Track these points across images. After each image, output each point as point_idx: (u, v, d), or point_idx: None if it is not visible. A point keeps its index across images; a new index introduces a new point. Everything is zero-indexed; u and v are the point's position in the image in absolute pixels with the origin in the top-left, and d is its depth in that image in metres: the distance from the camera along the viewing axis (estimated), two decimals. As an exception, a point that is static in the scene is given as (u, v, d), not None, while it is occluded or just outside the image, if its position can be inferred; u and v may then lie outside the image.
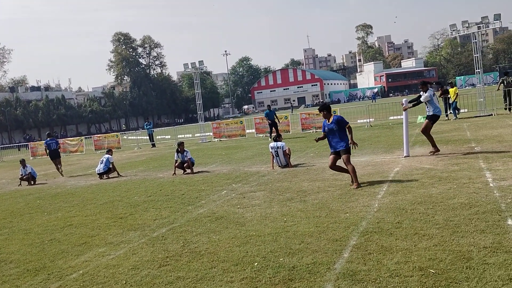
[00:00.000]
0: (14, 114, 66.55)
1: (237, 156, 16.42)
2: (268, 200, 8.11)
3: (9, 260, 6.29)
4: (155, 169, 15.54)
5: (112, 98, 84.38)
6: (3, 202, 12.07)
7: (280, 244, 5.52)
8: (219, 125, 28.10)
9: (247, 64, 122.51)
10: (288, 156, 12.07)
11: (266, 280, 4.49)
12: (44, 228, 8.07)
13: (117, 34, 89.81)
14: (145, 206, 8.95)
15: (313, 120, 24.45)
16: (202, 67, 28.82)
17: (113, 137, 31.21)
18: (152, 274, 5.06)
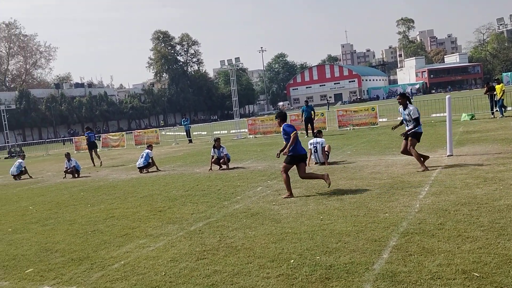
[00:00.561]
0: (59, 110, 69.01)
1: (272, 153, 16.40)
2: (304, 198, 8.08)
3: (54, 249, 6.55)
4: (192, 164, 15.76)
5: (151, 94, 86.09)
6: (49, 193, 12.56)
7: (316, 242, 5.49)
8: (255, 121, 28.16)
9: (283, 60, 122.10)
10: (326, 154, 11.98)
11: (302, 278, 4.48)
12: (88, 219, 8.35)
13: (156, 32, 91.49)
14: (183, 200, 9.10)
15: (351, 117, 24.12)
16: (238, 63, 28.98)
17: (152, 132, 31.86)
18: (190, 267, 5.15)
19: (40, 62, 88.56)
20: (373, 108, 24.11)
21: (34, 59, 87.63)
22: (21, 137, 62.45)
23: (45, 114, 67.19)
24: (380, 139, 16.57)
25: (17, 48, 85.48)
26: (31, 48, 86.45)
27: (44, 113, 67.15)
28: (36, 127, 66.62)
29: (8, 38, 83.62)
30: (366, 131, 21.35)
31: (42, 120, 66.53)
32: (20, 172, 17.55)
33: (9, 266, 5.99)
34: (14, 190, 14.36)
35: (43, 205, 10.67)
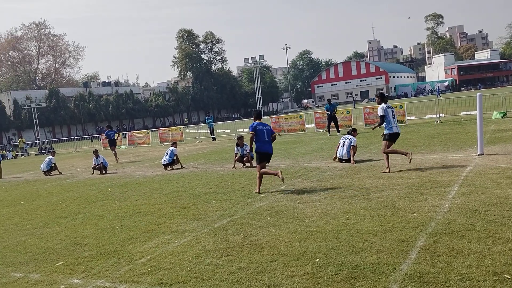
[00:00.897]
0: (87, 108, 70.40)
1: (297, 151, 16.35)
2: (329, 197, 8.01)
3: (83, 243, 6.69)
4: (215, 162, 15.84)
5: (175, 93, 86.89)
6: (78, 189, 12.83)
7: (342, 242, 5.44)
8: (278, 119, 28.09)
9: (308, 57, 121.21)
10: (352, 152, 11.86)
11: (328, 277, 4.44)
12: (115, 215, 8.50)
13: (181, 31, 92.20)
14: (207, 198, 9.16)
15: (377, 114, 23.77)
16: (262, 61, 29.03)
17: (177, 130, 32.17)
18: (214, 263, 5.17)
19: (69, 61, 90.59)
20: (401, 106, 23.71)
21: (63, 58, 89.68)
22: (51, 134, 63.98)
23: (74, 112, 68.68)
24: (408, 138, 16.29)
25: (47, 47, 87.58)
26: (60, 48, 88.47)
27: (73, 111, 68.65)
28: (65, 125, 68.18)
29: (38, 38, 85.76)
30: (392, 129, 20.99)
31: (71, 118, 68.02)
32: (50, 168, 17.99)
33: (40, 259, 6.15)
34: (45, 185, 14.73)
35: (72, 200, 10.91)
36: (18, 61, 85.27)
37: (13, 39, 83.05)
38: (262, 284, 4.45)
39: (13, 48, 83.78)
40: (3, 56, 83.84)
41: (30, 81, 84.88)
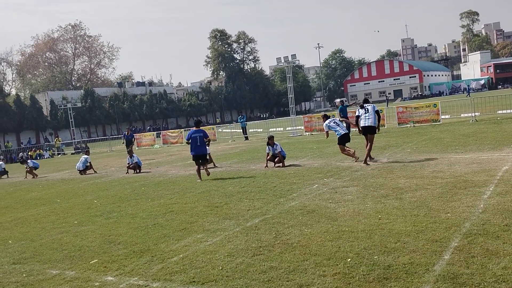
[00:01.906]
0: (122, 108, 71.91)
1: (329, 150, 16.22)
2: (361, 196, 7.93)
3: (117, 242, 6.85)
4: (247, 161, 15.91)
5: (208, 92, 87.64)
6: (113, 188, 13.16)
7: (374, 242, 5.38)
8: (311, 118, 27.94)
9: (340, 56, 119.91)
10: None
11: (360, 277, 4.41)
12: (148, 213, 8.67)
13: (214, 31, 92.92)
14: (239, 197, 9.21)
15: (411, 114, 23.33)
16: (294, 60, 28.81)
17: (209, 129, 32.48)
18: (246, 262, 5.21)
19: (103, 61, 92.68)
20: (435, 105, 23.18)
21: (98, 59, 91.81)
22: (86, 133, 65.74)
23: (109, 112, 70.29)
24: (443, 137, 15.91)
25: (82, 48, 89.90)
26: (95, 49, 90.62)
27: (108, 111, 70.27)
28: (100, 124, 69.87)
29: (74, 39, 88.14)
30: (427, 128, 20.58)
31: (105, 118, 69.65)
32: (85, 167, 18.50)
33: (75, 257, 6.34)
34: (80, 184, 15.17)
35: (107, 199, 11.19)
36: (55, 62, 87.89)
37: (50, 41, 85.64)
38: (293, 284, 4.46)
39: (50, 50, 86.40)
40: (40, 58, 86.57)
41: (66, 82, 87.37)
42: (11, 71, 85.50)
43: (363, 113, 12.06)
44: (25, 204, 12.10)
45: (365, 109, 12.07)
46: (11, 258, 6.64)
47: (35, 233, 8.18)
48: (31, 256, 6.64)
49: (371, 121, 11.89)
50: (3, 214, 10.73)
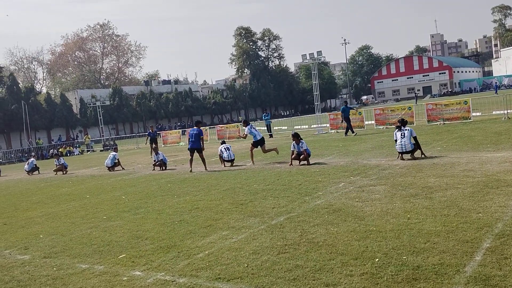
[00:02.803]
0: (148, 106, 72.89)
1: (355, 148, 16.04)
2: (389, 195, 7.79)
3: (145, 237, 6.94)
4: (272, 159, 15.86)
5: (233, 90, 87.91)
6: (140, 184, 13.34)
7: (403, 242, 5.28)
8: (336, 116, 27.65)
9: (367, 52, 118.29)
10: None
11: (388, 277, 4.33)
12: (174, 210, 8.75)
13: (238, 29, 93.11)
14: (264, 194, 9.20)
15: (441, 111, 22.82)
16: (320, 57, 28.56)
17: (234, 127, 32.58)
18: (271, 260, 5.19)
19: (131, 60, 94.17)
20: (466, 102, 22.60)
21: (126, 58, 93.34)
22: (114, 131, 66.86)
23: (136, 110, 71.35)
24: (474, 135, 15.51)
25: (111, 47, 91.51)
26: (123, 48, 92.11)
27: (135, 109, 71.33)
28: (127, 122, 71.00)
29: (102, 39, 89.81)
30: (458, 126, 20.10)
31: (133, 115, 70.73)
32: (114, 164, 18.82)
33: (104, 251, 6.45)
34: (109, 180, 15.44)
35: (134, 195, 11.36)
36: (84, 61, 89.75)
37: (79, 40, 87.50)
38: (319, 283, 4.41)
39: (79, 49, 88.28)
40: (70, 57, 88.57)
41: (95, 80, 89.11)
42: (42, 70, 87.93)
43: (400, 137, 11.72)
44: (55, 199, 12.40)
45: (402, 133, 11.69)
46: (42, 252, 6.81)
47: (65, 228, 8.36)
48: (62, 250, 6.79)
49: (407, 147, 11.55)
50: (34, 209, 11.02)
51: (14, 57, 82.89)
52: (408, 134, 11.55)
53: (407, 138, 11.54)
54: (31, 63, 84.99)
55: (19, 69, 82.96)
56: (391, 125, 23.50)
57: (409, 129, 11.70)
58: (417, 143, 11.66)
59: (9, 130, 54.48)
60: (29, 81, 79.69)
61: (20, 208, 11.58)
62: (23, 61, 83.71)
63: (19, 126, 53.28)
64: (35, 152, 39.04)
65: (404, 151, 11.60)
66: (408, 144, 11.52)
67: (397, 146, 11.75)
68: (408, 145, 11.52)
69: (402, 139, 11.59)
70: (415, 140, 11.65)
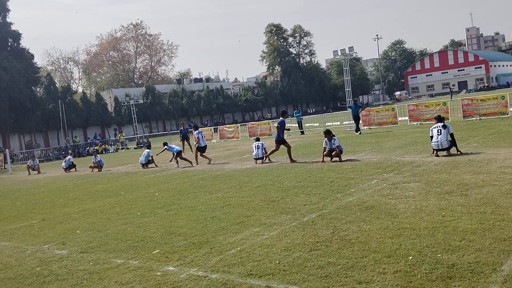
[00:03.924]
0: (180, 104, 73.81)
1: (388, 144, 15.78)
2: (423, 192, 7.64)
3: (178, 233, 7.06)
4: (303, 155, 15.81)
5: (264, 87, 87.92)
6: (172, 181, 13.56)
7: (437, 240, 5.18)
8: (369, 112, 27.27)
9: (400, 47, 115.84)
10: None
11: (422, 275, 4.26)
12: (207, 206, 8.85)
13: (269, 26, 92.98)
14: (295, 191, 9.18)
15: (477, 106, 22.16)
16: (352, 53, 28.26)
17: (265, 124, 32.60)
18: (303, 257, 5.18)
19: (163, 59, 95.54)
20: (503, 97, 21.86)
21: (158, 57, 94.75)
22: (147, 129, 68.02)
23: (168, 108, 72.39)
24: (511, 131, 15.00)
25: (144, 47, 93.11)
26: (156, 47, 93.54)
27: (167, 107, 72.38)
28: (160, 120, 72.10)
29: (135, 38, 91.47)
30: (494, 121, 19.48)
31: (165, 113, 71.77)
32: (148, 161, 19.18)
33: (138, 247, 6.60)
34: (143, 177, 15.75)
35: (167, 191, 11.55)
36: (118, 61, 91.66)
37: (113, 40, 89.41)
38: (352, 280, 4.38)
39: (113, 49, 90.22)
40: (104, 56, 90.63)
41: (128, 79, 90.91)
42: (77, 70, 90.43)
43: (436, 134, 11.43)
44: (91, 196, 12.75)
45: (438, 129, 11.40)
46: (79, 247, 7.03)
47: (101, 223, 8.60)
48: (98, 245, 6.99)
49: (443, 144, 11.27)
50: (71, 205, 11.37)
51: (51, 58, 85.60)
52: (445, 132, 11.27)
53: (443, 135, 11.26)
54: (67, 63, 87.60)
55: (56, 69, 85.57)
56: (425, 121, 23.01)
57: (447, 125, 11.41)
58: (453, 140, 11.37)
59: (47, 128, 56.27)
60: (66, 80, 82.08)
61: (58, 204, 11.97)
62: (60, 62, 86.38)
63: (56, 124, 54.99)
64: (71, 150, 40.24)
65: (439, 148, 11.34)
66: (444, 142, 11.25)
67: (433, 143, 11.49)
68: (444, 142, 11.26)
69: (438, 136, 11.32)
70: (452, 137, 11.36)
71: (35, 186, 18.15)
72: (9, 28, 50.06)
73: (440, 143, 11.28)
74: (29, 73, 50.40)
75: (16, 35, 50.49)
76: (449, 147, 11.28)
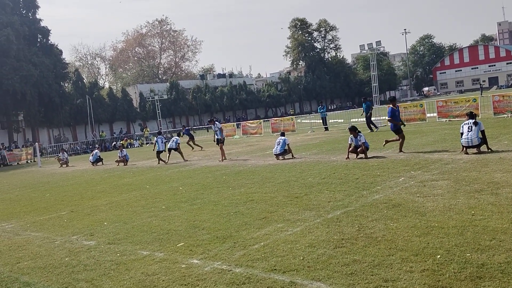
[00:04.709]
0: (204, 99, 74.21)
1: (416, 141, 15.51)
2: (452, 191, 7.47)
3: (201, 227, 7.09)
4: (328, 152, 15.68)
5: (287, 83, 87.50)
6: (196, 176, 13.64)
7: (466, 239, 5.05)
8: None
9: (429, 42, 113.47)
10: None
11: (450, 275, 4.16)
12: (230, 201, 8.87)
13: (294, 20, 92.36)
14: (319, 188, 9.10)
15: (509, 103, 21.52)
16: (379, 47, 27.80)
17: (288, 120, 32.48)
18: (328, 254, 5.13)
19: (187, 55, 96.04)
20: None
21: (183, 53, 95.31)
22: (171, 124, 68.72)
23: (192, 103, 72.84)
24: (544, 128, 14.53)
25: (168, 43, 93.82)
26: (180, 43, 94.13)
27: (191, 102, 72.84)
28: (184, 115, 72.64)
29: (160, 34, 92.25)
30: (526, 118, 18.92)
31: (189, 109, 72.26)
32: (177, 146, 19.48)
33: (164, 240, 6.66)
34: (167, 172, 15.91)
35: (191, 186, 11.63)
36: (143, 57, 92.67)
37: (139, 36, 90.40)
38: (378, 278, 4.31)
39: (139, 45, 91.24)
40: (130, 52, 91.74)
41: (153, 75, 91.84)
42: (104, 65, 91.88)
43: (466, 131, 11.15)
44: (118, 189, 12.95)
45: (469, 126, 11.10)
46: (106, 239, 7.14)
47: (128, 216, 8.72)
48: (124, 237, 7.09)
49: (474, 141, 10.99)
50: (99, 198, 11.57)
51: (79, 54, 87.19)
52: (476, 128, 10.97)
53: (474, 132, 10.97)
54: (95, 59, 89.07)
55: (84, 65, 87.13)
56: (454, 117, 22.52)
57: (478, 122, 11.12)
58: (484, 137, 11.07)
59: (75, 123, 57.42)
60: (93, 76, 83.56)
61: (86, 196, 12.20)
62: (87, 58, 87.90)
63: (84, 119, 56.08)
64: (98, 144, 40.98)
65: (469, 146, 11.07)
66: (474, 139, 10.97)
67: (463, 140, 11.21)
68: (474, 139, 10.97)
69: (468, 133, 11.04)
70: (483, 134, 11.06)
71: (64, 179, 18.56)
72: (39, 25, 51.15)
73: (470, 140, 11.01)
74: (57, 69, 51.46)
75: (45, 31, 51.56)
76: (479, 144, 11.00)
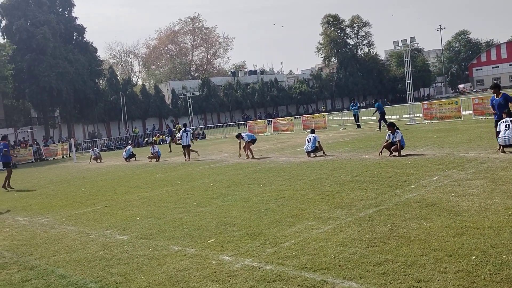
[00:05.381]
0: (235, 96, 74.59)
1: (451, 139, 15.12)
2: (488, 190, 7.26)
3: (232, 224, 7.14)
4: (360, 150, 15.48)
5: (319, 79, 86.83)
6: (227, 173, 13.73)
7: (503, 240, 4.91)
8: (431, 105, 26.26)
9: (465, 38, 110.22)
10: None
11: (485, 276, 4.06)
12: (260, 198, 8.89)
13: (326, 16, 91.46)
14: (351, 186, 9.01)
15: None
16: (413, 44, 27.19)
17: (320, 117, 32.26)
18: (359, 253, 5.08)
19: (219, 52, 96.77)
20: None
21: (214, 50, 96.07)
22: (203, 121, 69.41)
23: (223, 100, 73.32)
24: None
25: (200, 40, 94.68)
26: (212, 40, 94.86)
27: (222, 99, 73.33)
28: (215, 112, 73.25)
29: (192, 31, 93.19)
30: None
31: (220, 106, 72.80)
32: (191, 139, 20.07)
33: (195, 235, 6.74)
34: (198, 168, 16.08)
35: (222, 182, 11.72)
36: (176, 54, 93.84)
37: (171, 34, 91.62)
38: (411, 278, 4.24)
39: (171, 42, 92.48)
40: (163, 50, 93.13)
41: (185, 72, 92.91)
42: (137, 63, 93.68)
43: (504, 129, 10.76)
44: (150, 184, 13.19)
45: (506, 124, 10.72)
46: (139, 233, 7.29)
47: (160, 211, 8.87)
48: (156, 232, 7.22)
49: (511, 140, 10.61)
50: (132, 193, 11.81)
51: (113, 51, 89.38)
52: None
53: (510, 130, 10.61)
54: (128, 57, 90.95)
55: (118, 62, 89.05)
56: (490, 115, 21.81)
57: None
58: None
59: (109, 119, 58.78)
60: (126, 73, 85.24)
61: (119, 192, 12.48)
62: (121, 55, 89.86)
63: (117, 115, 57.37)
64: (131, 140, 41.80)
65: (506, 144, 10.71)
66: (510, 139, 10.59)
67: (500, 138, 10.86)
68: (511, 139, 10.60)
69: (506, 131, 10.67)
70: None
71: (98, 174, 19.04)
72: (74, 23, 52.58)
73: (507, 138, 10.65)
74: (92, 66, 52.81)
75: (81, 29, 52.95)
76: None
